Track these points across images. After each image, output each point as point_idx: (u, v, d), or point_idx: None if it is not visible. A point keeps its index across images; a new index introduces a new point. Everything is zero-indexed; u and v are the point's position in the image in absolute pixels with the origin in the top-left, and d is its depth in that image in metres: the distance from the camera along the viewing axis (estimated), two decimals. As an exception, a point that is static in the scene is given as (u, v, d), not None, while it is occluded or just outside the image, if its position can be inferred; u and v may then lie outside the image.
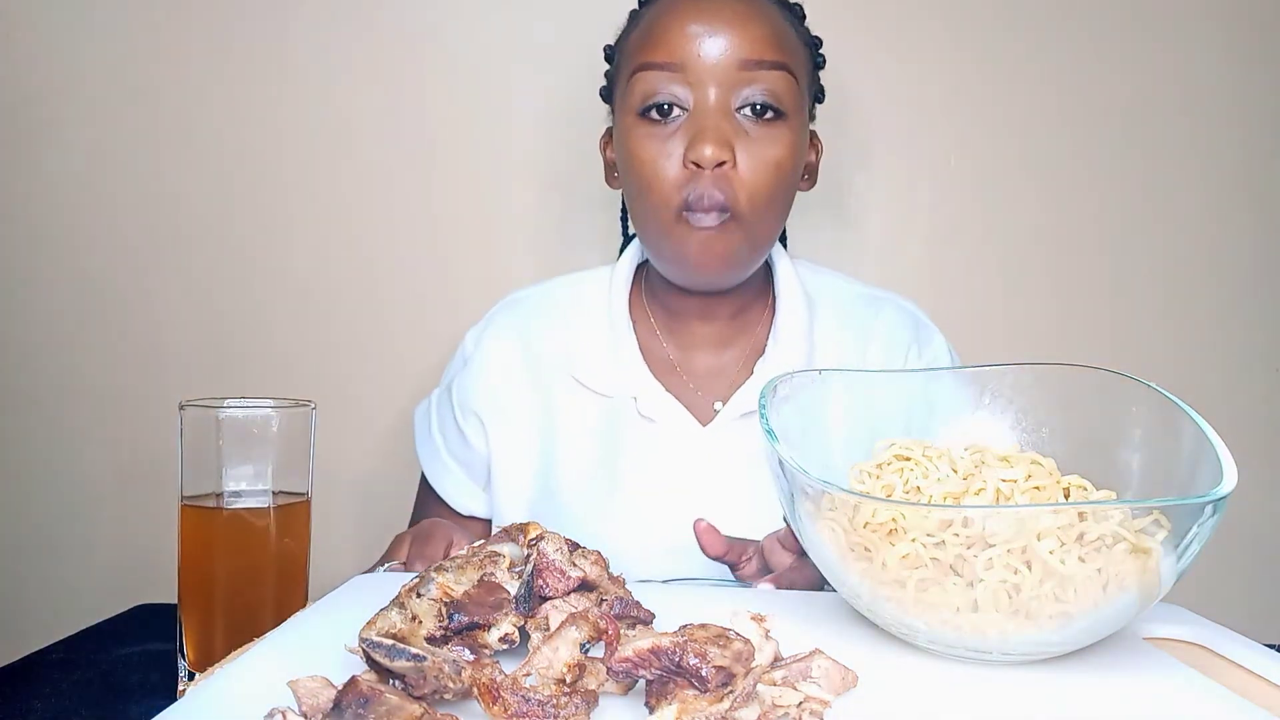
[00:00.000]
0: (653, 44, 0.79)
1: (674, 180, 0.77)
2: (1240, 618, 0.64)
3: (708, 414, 0.87)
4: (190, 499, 0.61)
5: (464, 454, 0.92)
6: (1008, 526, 0.47)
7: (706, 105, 0.77)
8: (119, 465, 1.21)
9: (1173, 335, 1.23)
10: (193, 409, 0.61)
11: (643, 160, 0.78)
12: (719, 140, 0.75)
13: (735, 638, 0.43)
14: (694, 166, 0.76)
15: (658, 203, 0.78)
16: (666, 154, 0.77)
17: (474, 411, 0.91)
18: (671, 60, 0.77)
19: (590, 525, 0.85)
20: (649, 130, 0.78)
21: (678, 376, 0.88)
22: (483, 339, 0.92)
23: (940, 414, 0.65)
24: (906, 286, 1.21)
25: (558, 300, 0.92)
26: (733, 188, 0.77)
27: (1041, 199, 1.23)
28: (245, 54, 1.20)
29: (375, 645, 0.41)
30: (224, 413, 0.61)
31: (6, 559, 1.22)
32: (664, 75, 0.77)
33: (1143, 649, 0.54)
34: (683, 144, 0.77)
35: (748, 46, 0.77)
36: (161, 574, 1.26)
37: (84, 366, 1.21)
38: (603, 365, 0.87)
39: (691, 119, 0.77)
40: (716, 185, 0.76)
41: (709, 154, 0.75)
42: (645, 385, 0.86)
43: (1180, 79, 1.22)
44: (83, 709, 0.59)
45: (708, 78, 0.77)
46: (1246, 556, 1.23)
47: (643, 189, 0.79)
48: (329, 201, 1.21)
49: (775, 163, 0.78)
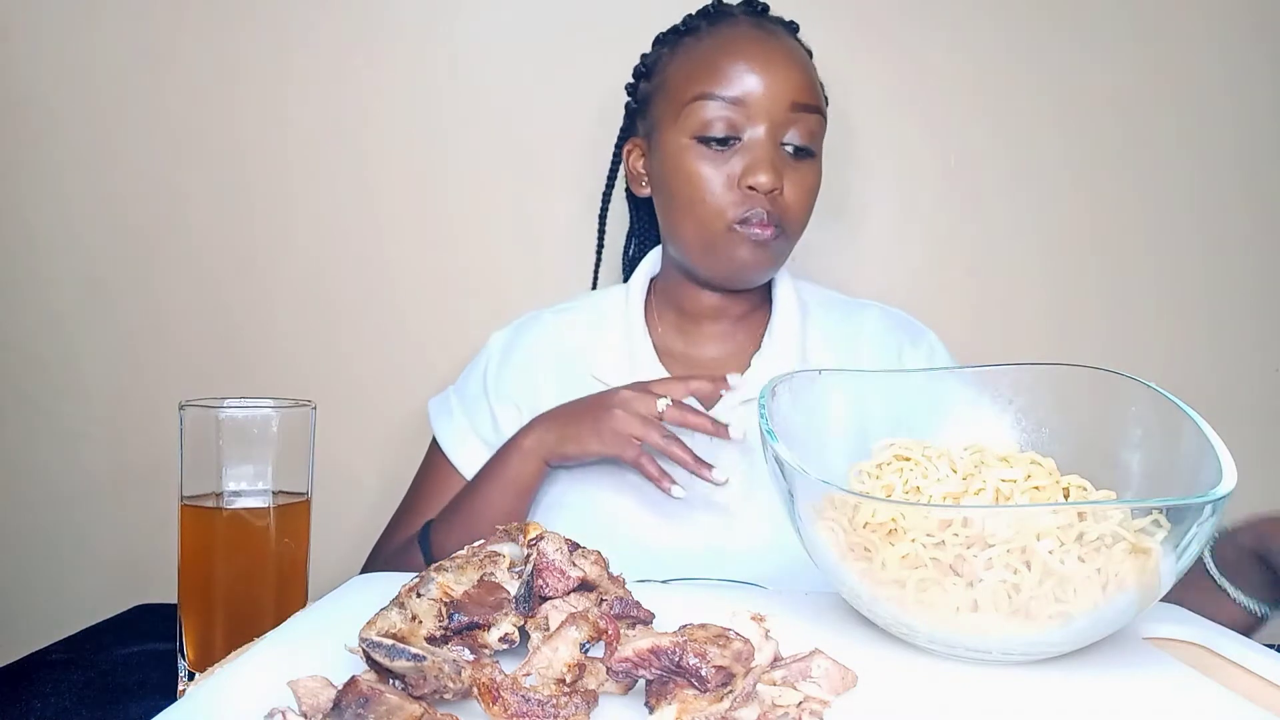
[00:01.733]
0: (716, 76, 0.87)
1: (730, 199, 0.86)
2: (1240, 618, 0.64)
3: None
4: (190, 499, 0.61)
5: (494, 439, 0.95)
6: (1007, 526, 0.47)
7: (761, 138, 0.86)
8: (119, 465, 1.21)
9: (1172, 335, 1.23)
10: (193, 409, 0.61)
11: (700, 178, 0.87)
12: (773, 170, 0.85)
13: (735, 638, 0.43)
14: (749, 190, 0.86)
15: (710, 216, 0.87)
16: (721, 176, 0.87)
17: (512, 400, 0.96)
18: (734, 94, 0.86)
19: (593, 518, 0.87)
20: (706, 153, 0.87)
21: (684, 368, 0.95)
22: (521, 338, 1.00)
23: (940, 414, 0.65)
24: (906, 288, 1.21)
25: (579, 311, 1.01)
26: (780, 210, 0.87)
27: (1041, 200, 1.23)
28: (250, 53, 1.20)
29: (375, 645, 0.41)
30: (224, 413, 0.61)
31: (6, 559, 1.22)
32: (725, 106, 0.86)
33: (1143, 649, 0.54)
34: (738, 168, 0.86)
35: (796, 90, 0.87)
36: (161, 574, 1.26)
37: (84, 366, 1.21)
38: (619, 363, 0.95)
39: (747, 148, 0.87)
40: (768, 206, 0.86)
41: (765, 181, 0.85)
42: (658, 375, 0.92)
43: (1178, 80, 1.22)
44: (83, 709, 0.60)
45: (764, 114, 0.86)
46: (1246, 556, 1.23)
47: (695, 202, 0.88)
48: (331, 202, 1.21)
49: (811, 190, 0.90)
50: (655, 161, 0.92)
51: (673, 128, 0.89)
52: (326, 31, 1.20)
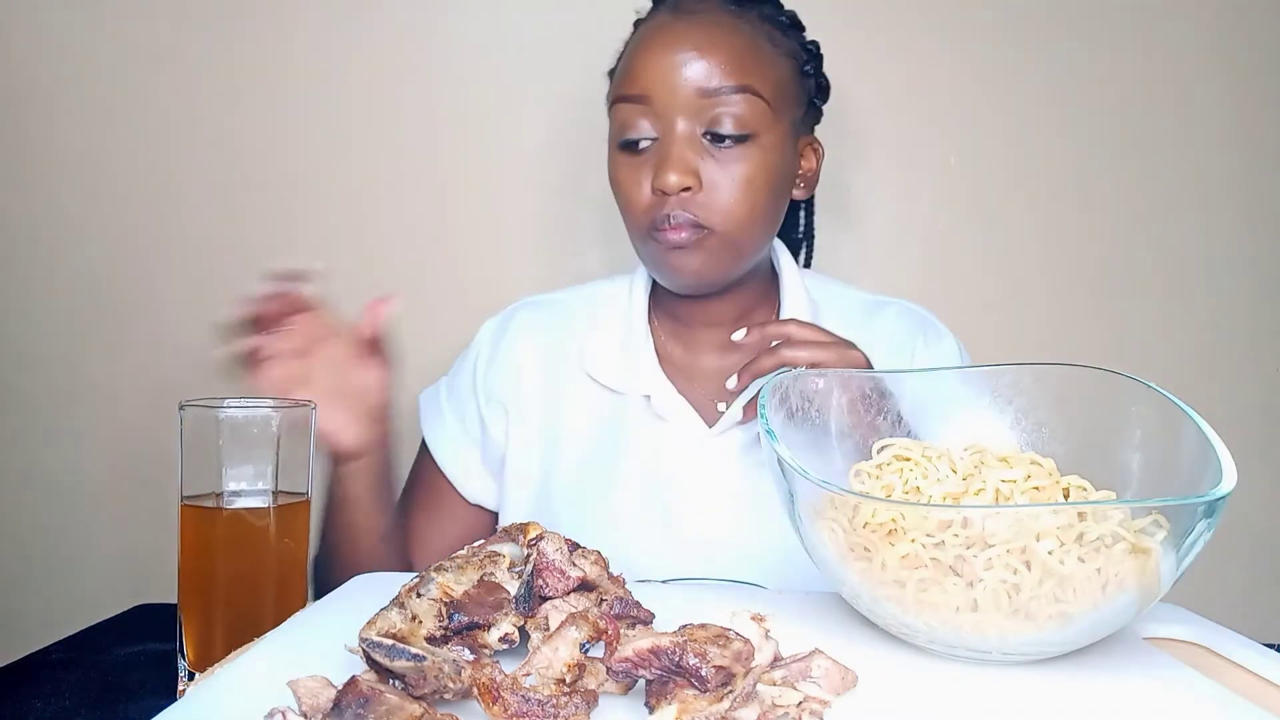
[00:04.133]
0: (625, 77, 0.84)
1: (645, 205, 0.82)
2: (1240, 618, 0.64)
3: (713, 415, 0.88)
4: (190, 499, 0.61)
5: (482, 440, 0.93)
6: (1007, 527, 0.47)
7: (671, 135, 0.81)
8: (119, 465, 1.21)
9: (1172, 335, 1.23)
10: (193, 409, 0.61)
11: (620, 186, 0.85)
12: (681, 169, 0.80)
13: (735, 638, 0.43)
14: (661, 193, 0.81)
15: (632, 224, 0.85)
16: (637, 181, 0.83)
17: (499, 400, 0.93)
18: (639, 93, 0.82)
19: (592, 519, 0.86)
20: (624, 159, 0.84)
21: (684, 378, 0.90)
22: (508, 331, 0.95)
23: (940, 414, 0.65)
24: (906, 288, 1.21)
25: (575, 304, 0.96)
26: (704, 209, 0.81)
27: (1040, 200, 1.23)
28: (247, 53, 1.20)
29: (375, 645, 0.41)
30: (224, 413, 0.61)
31: (6, 559, 1.22)
32: (634, 108, 0.82)
33: (1143, 649, 0.54)
34: (651, 172, 0.82)
35: (706, 75, 0.80)
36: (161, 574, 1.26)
37: (84, 366, 1.21)
38: (617, 363, 0.90)
39: (658, 148, 0.82)
40: (683, 208, 0.80)
41: (672, 181, 0.80)
42: (659, 385, 0.89)
43: (1177, 82, 1.22)
44: (83, 709, 0.60)
45: (671, 108, 0.81)
46: (1246, 556, 1.23)
47: (622, 212, 0.86)
48: (331, 201, 1.21)
49: (745, 180, 0.81)
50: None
51: (610, 138, 0.86)
52: (325, 31, 1.20)
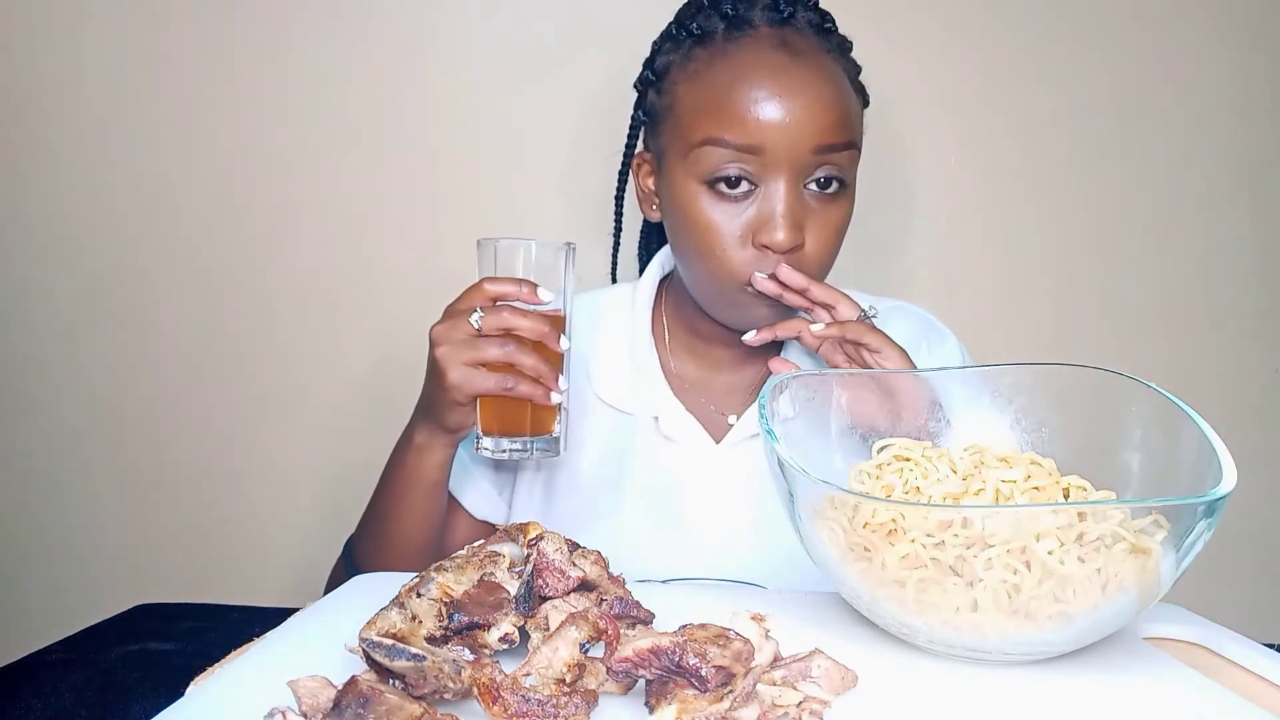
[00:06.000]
0: (726, 120, 0.76)
1: (743, 257, 0.77)
2: (1240, 618, 0.64)
3: (721, 429, 0.87)
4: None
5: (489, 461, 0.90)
6: (1007, 527, 0.47)
7: (779, 189, 0.76)
8: (119, 465, 1.21)
9: (1172, 335, 1.23)
10: (492, 241, 0.76)
11: (708, 229, 0.78)
12: (793, 226, 0.75)
13: (735, 638, 0.43)
14: (764, 248, 0.76)
15: (722, 273, 0.78)
16: (734, 230, 0.77)
17: None
18: (747, 142, 0.75)
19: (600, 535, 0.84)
20: (715, 201, 0.77)
21: (694, 394, 0.89)
22: None
23: (940, 414, 0.65)
24: (906, 288, 1.21)
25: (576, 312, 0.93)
26: (801, 261, 0.77)
27: (1041, 200, 1.23)
28: (246, 54, 1.20)
29: (375, 645, 0.41)
30: (514, 244, 0.76)
31: (6, 559, 1.22)
32: (739, 154, 0.75)
33: (1143, 649, 0.54)
34: (752, 220, 0.77)
35: (822, 132, 0.75)
36: (162, 574, 1.26)
37: (84, 366, 1.21)
38: (624, 384, 0.88)
39: (764, 199, 0.76)
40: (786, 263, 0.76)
41: (782, 239, 0.75)
42: (668, 405, 0.87)
43: (1178, 82, 1.22)
44: (83, 709, 0.60)
45: (783, 162, 0.75)
46: (1246, 556, 1.23)
47: (704, 254, 0.79)
48: (331, 202, 1.21)
49: (837, 228, 0.79)
50: (665, 192, 0.82)
51: (681, 165, 0.79)
52: (324, 32, 1.20)
